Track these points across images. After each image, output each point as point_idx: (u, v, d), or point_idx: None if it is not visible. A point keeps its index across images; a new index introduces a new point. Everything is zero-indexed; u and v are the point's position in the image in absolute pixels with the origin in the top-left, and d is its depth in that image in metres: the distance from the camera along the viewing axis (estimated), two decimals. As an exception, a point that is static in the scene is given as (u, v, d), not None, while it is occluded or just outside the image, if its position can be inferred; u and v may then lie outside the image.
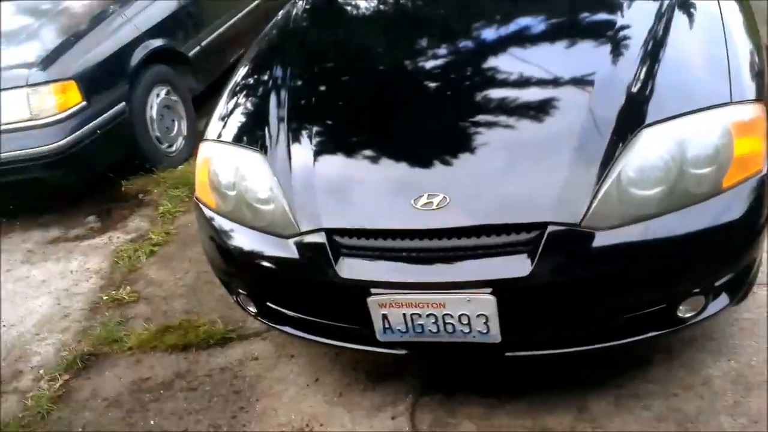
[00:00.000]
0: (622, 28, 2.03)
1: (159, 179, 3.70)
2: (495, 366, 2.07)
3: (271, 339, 2.43)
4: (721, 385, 1.94)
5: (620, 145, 1.70)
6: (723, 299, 1.80)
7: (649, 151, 1.68)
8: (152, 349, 2.49)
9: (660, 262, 1.69)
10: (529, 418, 1.95)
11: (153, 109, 3.81)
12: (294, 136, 2.01)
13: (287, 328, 2.05)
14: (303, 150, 1.97)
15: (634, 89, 1.80)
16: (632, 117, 1.75)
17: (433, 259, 1.72)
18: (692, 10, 2.11)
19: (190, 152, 4.09)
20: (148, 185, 3.67)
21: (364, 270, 1.75)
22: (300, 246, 1.83)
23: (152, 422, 2.19)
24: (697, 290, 1.74)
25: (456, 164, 1.83)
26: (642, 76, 1.83)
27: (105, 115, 3.45)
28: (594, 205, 1.64)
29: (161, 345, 2.49)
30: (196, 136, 4.20)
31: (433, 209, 1.71)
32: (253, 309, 2.11)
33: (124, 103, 3.56)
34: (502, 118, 1.90)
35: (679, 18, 2.06)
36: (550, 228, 1.63)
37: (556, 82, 1.96)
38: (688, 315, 1.77)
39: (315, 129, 2.03)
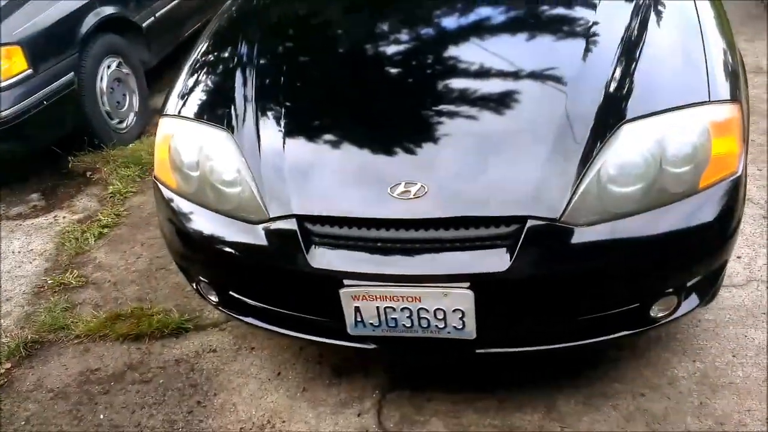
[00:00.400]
0: (599, 25, 2.00)
1: (108, 157, 3.52)
2: (465, 363, 2.04)
3: (231, 330, 2.33)
4: (686, 386, 1.95)
5: (600, 141, 1.67)
6: (693, 300, 1.81)
7: (629, 147, 1.67)
8: (102, 338, 2.35)
9: (637, 260, 1.68)
10: (498, 416, 1.92)
11: (103, 82, 3.61)
12: (263, 117, 1.91)
13: (250, 319, 1.95)
14: (273, 131, 1.87)
15: (613, 87, 1.78)
16: (611, 113, 1.72)
17: (410, 250, 1.66)
18: (668, 9, 2.09)
19: (142, 129, 3.94)
20: (97, 163, 3.48)
21: (337, 260, 1.67)
22: (269, 232, 1.74)
23: (102, 416, 2.06)
24: (671, 290, 1.74)
25: (435, 153, 1.77)
26: (620, 74, 1.81)
27: (52, 85, 3.24)
28: (574, 200, 1.62)
29: (111, 334, 2.36)
30: (148, 113, 4.06)
31: (411, 198, 1.65)
32: (214, 298, 2.00)
33: (72, 73, 3.36)
34: (483, 110, 1.84)
35: (655, 17, 2.04)
36: (530, 222, 1.60)
37: (535, 77, 1.91)
38: (660, 315, 1.77)
39: (285, 110, 1.93)
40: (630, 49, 1.89)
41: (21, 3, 3.23)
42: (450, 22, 2.28)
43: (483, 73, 1.96)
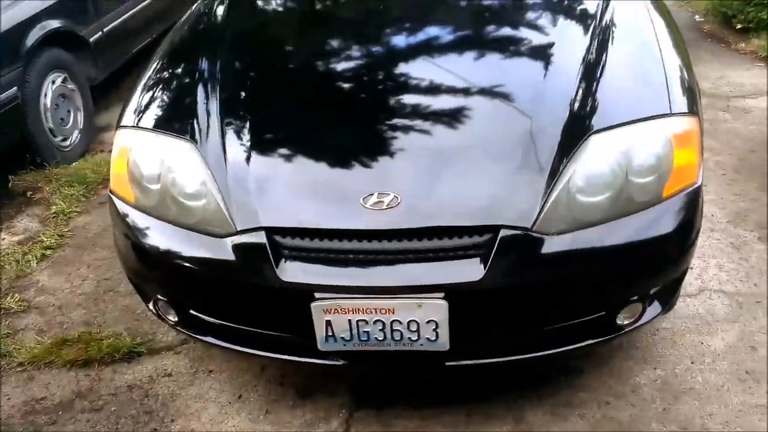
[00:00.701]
0: (558, 44, 2.05)
1: (51, 175, 3.37)
2: (435, 378, 2.01)
3: (186, 353, 2.24)
4: (649, 393, 1.98)
5: (568, 153, 1.71)
6: (656, 307, 1.85)
7: (597, 158, 1.71)
8: (47, 365, 2.22)
9: (606, 267, 1.71)
10: (467, 429, 1.90)
11: (47, 98, 3.47)
12: (228, 130, 1.87)
13: (211, 339, 1.89)
14: (239, 144, 1.83)
15: (577, 103, 1.83)
16: (578, 127, 1.77)
17: (384, 262, 1.64)
18: (626, 30, 2.17)
19: (86, 147, 3.80)
20: (39, 182, 3.33)
21: (309, 273, 1.64)
22: (236, 246, 1.68)
23: (50, 448, 1.94)
24: (636, 297, 1.78)
25: (407, 165, 1.77)
26: (583, 91, 1.86)
27: (-6, 100, 3.09)
28: (545, 210, 1.64)
29: (58, 360, 2.22)
30: (93, 131, 3.94)
31: (384, 209, 1.63)
32: (173, 318, 1.92)
33: (16, 87, 3.21)
34: (454, 125, 1.85)
35: (614, 37, 2.11)
36: (503, 232, 1.61)
37: (503, 95, 1.95)
38: (626, 322, 1.81)
39: (252, 123, 1.90)
40: (592, 67, 1.95)
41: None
42: (413, 39, 2.31)
43: (449, 89, 1.99)
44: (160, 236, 1.81)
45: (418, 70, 2.08)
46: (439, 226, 1.63)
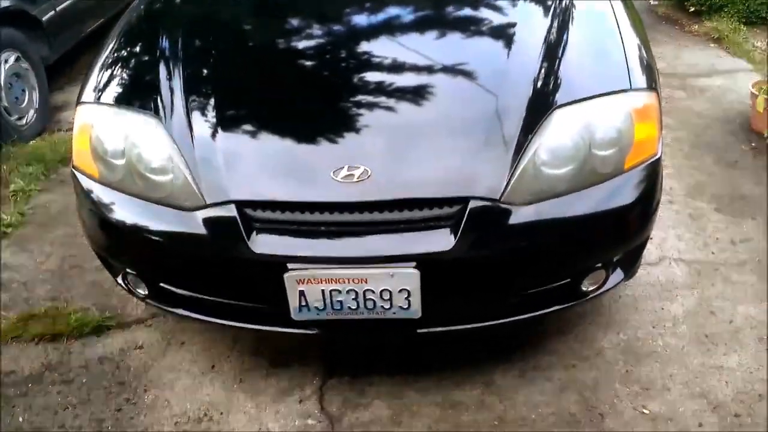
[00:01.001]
0: (520, 24, 2.08)
1: (8, 154, 3.29)
2: (406, 345, 2.05)
3: (157, 326, 2.23)
4: (612, 356, 2.06)
5: (534, 126, 1.74)
6: (619, 274, 1.91)
7: (561, 132, 1.75)
8: (14, 339, 2.18)
9: (570, 237, 1.76)
10: (439, 393, 1.95)
11: (1, 76, 3.39)
12: (193, 106, 1.85)
13: (181, 311, 1.89)
14: (204, 120, 1.82)
15: (541, 80, 1.86)
16: (542, 103, 1.80)
17: (356, 233, 1.66)
18: (586, 11, 2.21)
19: (42, 127, 3.72)
20: (-4, 161, 3.24)
21: (281, 245, 1.65)
22: (207, 220, 1.68)
23: (21, 419, 1.91)
24: (600, 265, 1.84)
25: (376, 139, 1.78)
26: (546, 69, 1.89)
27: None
28: (512, 182, 1.68)
29: (25, 335, 2.19)
30: (49, 110, 3.85)
31: (354, 182, 1.65)
32: (142, 291, 1.91)
33: (-34, 65, 3.12)
34: (422, 100, 1.87)
35: (575, 16, 2.15)
36: (472, 203, 1.65)
37: (469, 72, 1.97)
38: (590, 288, 1.87)
39: (217, 99, 1.89)
40: (553, 46, 1.98)
41: None
42: (380, 17, 2.30)
43: (418, 68, 2.00)
44: (127, 211, 1.79)
45: (382, 48, 2.09)
46: (410, 198, 1.66)
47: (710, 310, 2.21)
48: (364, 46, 2.14)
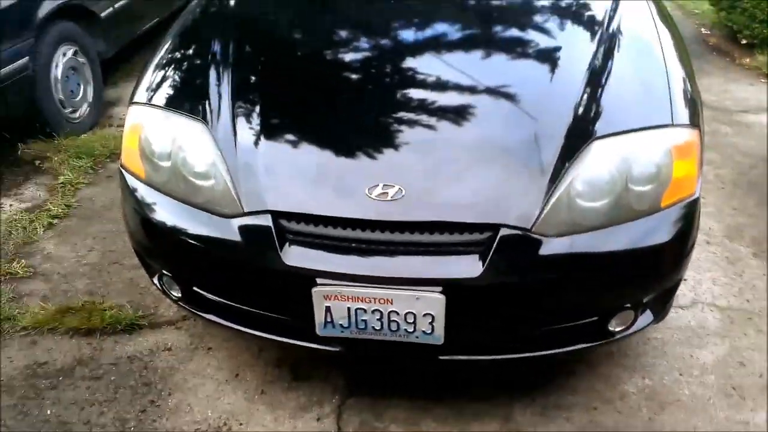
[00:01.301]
0: (565, 48, 2.09)
1: (60, 146, 3.40)
2: (428, 369, 2.05)
3: (187, 329, 2.28)
4: (636, 401, 2.02)
5: (570, 157, 1.74)
6: (648, 316, 1.89)
7: (598, 163, 1.74)
8: (50, 331, 2.26)
9: (600, 273, 1.75)
10: (457, 424, 1.94)
11: (58, 69, 3.49)
12: (239, 112, 1.90)
13: (212, 317, 1.93)
14: (249, 126, 1.86)
15: (582, 108, 1.86)
16: (581, 132, 1.80)
17: (385, 252, 1.68)
18: (632, 39, 2.20)
19: (95, 121, 3.83)
20: (47, 152, 3.35)
21: (311, 258, 1.68)
22: (242, 227, 1.72)
23: (49, 411, 1.98)
24: (629, 305, 1.82)
25: (413, 158, 1.80)
26: (588, 97, 1.89)
27: (6, 68, 3.10)
28: (545, 212, 1.68)
29: (60, 327, 2.26)
30: (102, 105, 3.96)
31: (388, 200, 1.67)
32: (176, 293, 1.97)
33: (27, 57, 3.23)
34: (460, 122, 1.88)
35: (620, 45, 2.14)
36: (503, 231, 1.65)
37: (510, 95, 1.99)
38: (618, 329, 1.85)
39: (262, 107, 1.93)
40: (597, 73, 1.98)
41: (-23, -20, 3.10)
42: (423, 34, 2.34)
43: (458, 86, 2.01)
44: (168, 212, 1.84)
45: (428, 65, 2.11)
46: (441, 220, 1.67)
47: (740, 361, 2.16)
48: (409, 62, 2.16)
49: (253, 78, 2.08)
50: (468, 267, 1.64)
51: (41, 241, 2.75)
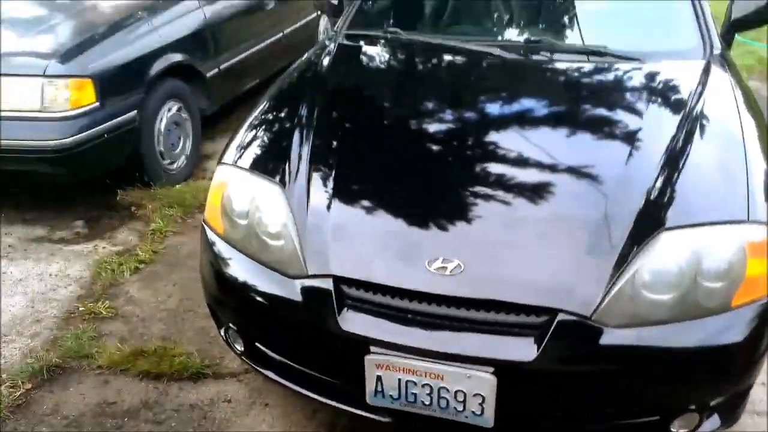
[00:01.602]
0: (645, 129, 2.08)
1: (155, 195, 3.64)
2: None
3: (248, 383, 2.35)
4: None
5: (637, 245, 1.70)
6: (715, 420, 1.79)
7: (666, 255, 1.69)
8: (122, 372, 2.39)
9: (663, 371, 1.68)
10: None
11: (162, 123, 3.77)
12: (314, 176, 1.99)
13: (270, 373, 1.98)
14: (322, 190, 1.95)
15: (654, 193, 1.83)
16: (651, 219, 1.76)
17: (439, 326, 1.68)
18: (714, 124, 2.15)
19: (190, 172, 4.07)
20: (143, 199, 3.59)
21: (367, 326, 1.71)
22: (305, 289, 1.79)
23: (111, 451, 2.09)
24: (694, 407, 1.73)
25: (475, 234, 1.82)
26: (662, 181, 1.86)
27: (115, 120, 3.38)
28: (607, 300, 1.64)
29: (132, 369, 2.39)
30: (198, 157, 4.20)
31: (447, 275, 1.69)
32: (240, 347, 2.05)
33: (136, 111, 3.51)
34: (526, 199, 1.89)
35: (701, 130, 2.10)
36: (561, 316, 1.62)
37: (580, 173, 1.98)
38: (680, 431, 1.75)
39: (336, 171, 2.01)
40: (674, 158, 1.95)
41: (100, 39, 3.42)
42: (501, 110, 2.40)
43: (528, 162, 2.03)
44: (239, 268, 1.94)
45: (505, 140, 2.14)
46: (497, 299, 1.66)
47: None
48: (487, 137, 2.20)
49: (333, 143, 2.17)
50: (522, 349, 1.62)
51: (126, 284, 2.93)
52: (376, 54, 2.87)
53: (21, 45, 3.39)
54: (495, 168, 2.03)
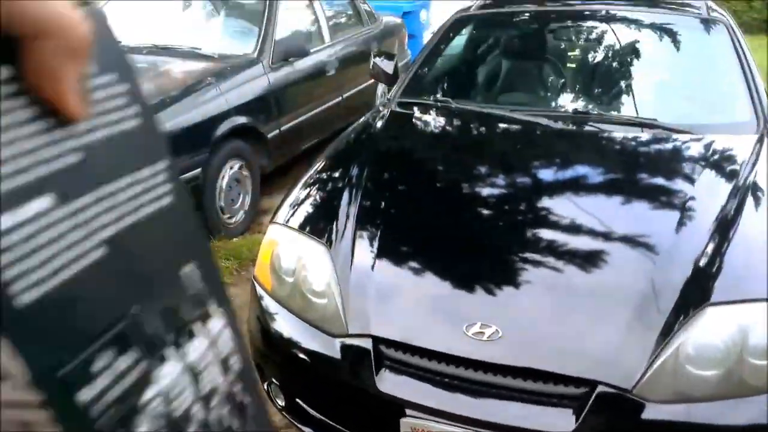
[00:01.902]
0: (697, 199, 2.08)
1: (213, 247, 3.78)
2: None
3: (285, 437, 2.39)
4: None
5: (682, 317, 1.69)
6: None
7: (711, 330, 1.68)
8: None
9: None
10: None
11: (224, 180, 3.96)
12: (359, 236, 2.06)
13: (309, 430, 2.02)
14: (366, 251, 2.01)
15: (702, 263, 1.82)
16: (697, 291, 1.75)
17: (476, 392, 1.70)
18: (765, 193, 2.14)
19: (247, 227, 4.23)
20: (202, 251, 3.74)
21: (404, 388, 1.74)
22: (344, 347, 1.84)
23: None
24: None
25: (515, 299, 1.84)
26: (711, 252, 1.85)
27: (181, 177, 3.54)
28: (649, 373, 1.62)
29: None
30: (255, 213, 4.36)
31: (484, 341, 1.71)
32: (281, 402, 2.10)
33: (200, 169, 3.70)
34: (569, 265, 1.92)
35: (753, 201, 2.09)
36: (601, 388, 1.61)
37: (626, 241, 1.99)
38: None
39: (381, 233, 2.08)
40: (724, 229, 1.94)
41: (169, 104, 3.63)
42: (549, 175, 2.43)
43: (573, 229, 2.05)
44: (284, 324, 2.02)
45: (547, 206, 2.18)
46: (535, 368, 1.67)
47: None
48: (529, 203, 2.24)
49: (380, 205, 2.25)
50: (560, 421, 1.61)
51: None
52: (427, 121, 2.98)
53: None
54: (539, 234, 2.05)
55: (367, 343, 1.81)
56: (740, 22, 11.67)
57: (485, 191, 2.38)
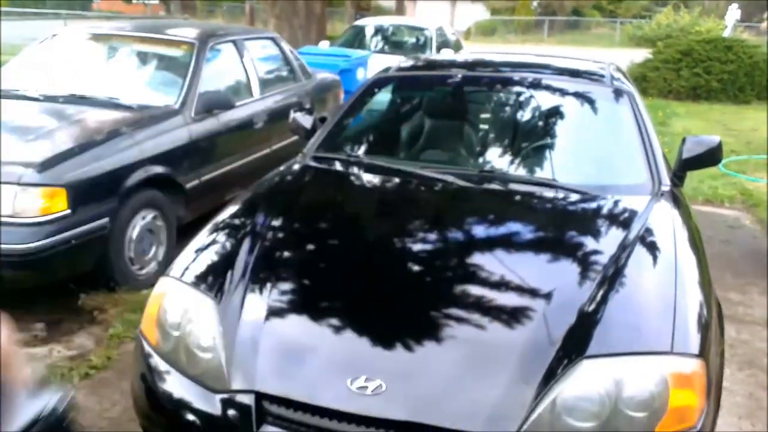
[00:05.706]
0: (588, 253, 2.17)
1: (119, 299, 3.66)
2: None
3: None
4: None
5: (560, 368, 1.72)
6: None
7: (586, 383, 1.72)
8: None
9: None
10: None
11: (134, 230, 3.86)
12: (252, 288, 2.04)
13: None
14: (256, 304, 1.99)
15: (584, 315, 1.89)
16: (577, 343, 1.80)
17: None
18: (651, 249, 2.23)
19: (158, 278, 4.08)
20: (106, 304, 3.61)
21: None
22: (225, 403, 1.80)
23: None
24: None
25: (400, 353, 1.85)
26: (594, 305, 1.92)
27: (84, 227, 3.45)
28: (526, 425, 1.65)
29: (61, 480, 2.32)
30: (168, 264, 4.23)
31: (368, 395, 1.70)
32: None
33: (107, 218, 3.60)
34: (456, 317, 1.95)
35: (638, 254, 2.18)
36: None
37: (515, 291, 2.06)
38: None
39: (274, 284, 2.06)
40: (610, 282, 2.01)
41: (79, 152, 3.53)
42: (441, 233, 2.48)
43: (465, 281, 2.10)
44: (166, 381, 1.96)
45: (436, 261, 2.23)
46: (416, 422, 1.67)
47: None
48: (420, 258, 2.27)
49: (279, 256, 2.23)
50: None
51: (73, 390, 2.89)
52: (337, 175, 3.00)
53: (7, 153, 3.52)
54: (426, 288, 2.10)
55: (249, 399, 1.77)
56: (669, 89, 12.33)
57: (383, 246, 2.40)
